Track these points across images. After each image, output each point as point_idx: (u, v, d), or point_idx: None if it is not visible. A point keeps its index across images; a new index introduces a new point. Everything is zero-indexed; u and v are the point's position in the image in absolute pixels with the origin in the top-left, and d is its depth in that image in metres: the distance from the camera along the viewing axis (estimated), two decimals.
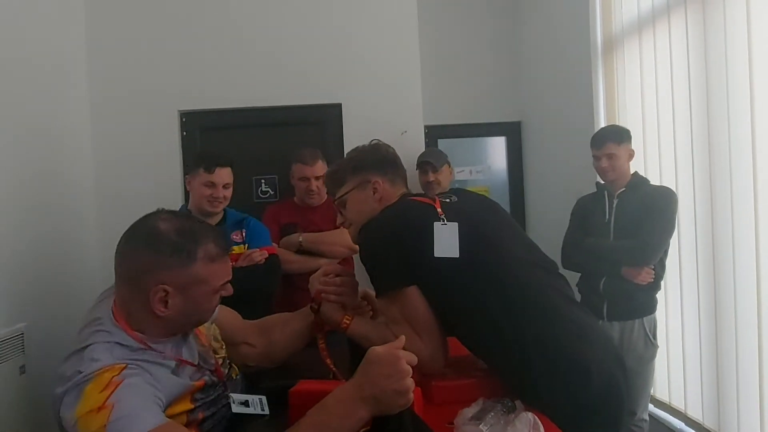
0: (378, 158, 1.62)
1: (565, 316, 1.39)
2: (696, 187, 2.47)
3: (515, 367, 1.34)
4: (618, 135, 2.56)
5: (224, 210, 2.47)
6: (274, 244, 2.54)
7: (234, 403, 1.21)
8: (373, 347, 1.05)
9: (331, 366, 1.45)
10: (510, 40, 4.36)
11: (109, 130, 2.98)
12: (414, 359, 1.04)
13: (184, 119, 3.10)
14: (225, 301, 1.28)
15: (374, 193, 1.58)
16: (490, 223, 1.54)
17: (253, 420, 1.20)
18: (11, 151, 2.16)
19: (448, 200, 1.54)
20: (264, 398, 1.23)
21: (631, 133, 2.60)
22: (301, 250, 2.61)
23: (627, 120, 2.94)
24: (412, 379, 1.03)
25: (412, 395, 1.02)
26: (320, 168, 2.68)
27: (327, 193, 2.65)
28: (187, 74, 3.05)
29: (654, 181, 2.64)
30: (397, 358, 1.02)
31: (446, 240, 1.39)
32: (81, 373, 1.02)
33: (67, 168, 2.69)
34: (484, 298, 1.37)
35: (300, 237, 2.62)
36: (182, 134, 3.09)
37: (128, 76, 3.01)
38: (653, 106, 2.76)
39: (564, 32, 3.60)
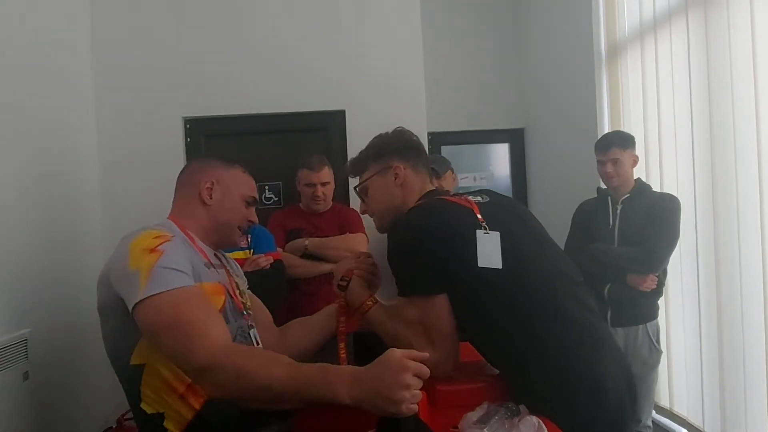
0: (400, 145, 1.58)
1: (585, 329, 1.36)
2: (699, 193, 2.47)
3: (530, 376, 1.31)
4: (623, 140, 2.55)
5: None
6: (279, 249, 2.54)
7: None
8: (393, 350, 1.04)
9: (343, 351, 1.43)
10: (513, 47, 4.37)
11: (114, 136, 3.00)
12: (426, 373, 1.02)
13: (188, 126, 3.11)
14: None
15: (395, 179, 1.54)
16: (520, 229, 1.48)
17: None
18: (16, 159, 2.17)
19: (480, 199, 1.49)
20: None
21: (636, 139, 2.60)
22: (307, 255, 2.61)
23: (631, 126, 2.94)
24: (419, 392, 1.01)
25: (406, 407, 0.99)
26: (326, 174, 2.68)
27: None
28: (191, 81, 3.06)
29: (656, 187, 2.64)
30: (404, 368, 1.00)
31: (489, 250, 1.32)
32: (141, 227, 1.31)
33: (72, 174, 2.70)
34: (513, 308, 1.33)
35: (306, 241, 2.62)
36: (186, 141, 3.11)
37: (133, 83, 3.03)
38: (657, 113, 2.76)
39: (567, 39, 3.61)
